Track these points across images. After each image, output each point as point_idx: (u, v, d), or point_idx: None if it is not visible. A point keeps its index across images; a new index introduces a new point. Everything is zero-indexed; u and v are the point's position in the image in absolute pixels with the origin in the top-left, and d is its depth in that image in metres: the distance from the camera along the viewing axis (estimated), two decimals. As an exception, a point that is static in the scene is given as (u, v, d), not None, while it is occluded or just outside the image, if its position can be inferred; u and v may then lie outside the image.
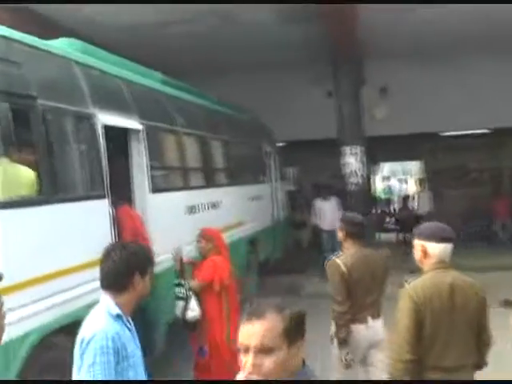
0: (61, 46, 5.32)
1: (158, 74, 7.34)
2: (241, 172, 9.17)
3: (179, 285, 5.39)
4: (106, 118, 5.21)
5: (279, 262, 10.90)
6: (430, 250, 3.34)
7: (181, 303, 5.33)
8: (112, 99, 5.62)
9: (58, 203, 4.49)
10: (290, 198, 13.14)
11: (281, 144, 12.68)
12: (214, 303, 5.41)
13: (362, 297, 4.41)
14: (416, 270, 3.49)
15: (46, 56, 4.81)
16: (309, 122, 12.68)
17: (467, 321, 3.31)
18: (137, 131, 5.86)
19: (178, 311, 5.32)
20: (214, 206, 7.55)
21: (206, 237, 5.57)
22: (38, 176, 4.22)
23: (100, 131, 5.06)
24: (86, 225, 4.81)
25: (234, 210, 8.35)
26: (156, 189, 6.05)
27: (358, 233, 4.60)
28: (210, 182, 7.76)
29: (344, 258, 4.48)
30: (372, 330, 4.50)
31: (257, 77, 12.91)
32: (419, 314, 3.24)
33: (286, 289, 9.59)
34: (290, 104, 12.85)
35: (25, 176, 4.14)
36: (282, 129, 12.01)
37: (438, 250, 3.33)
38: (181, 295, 5.34)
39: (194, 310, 5.35)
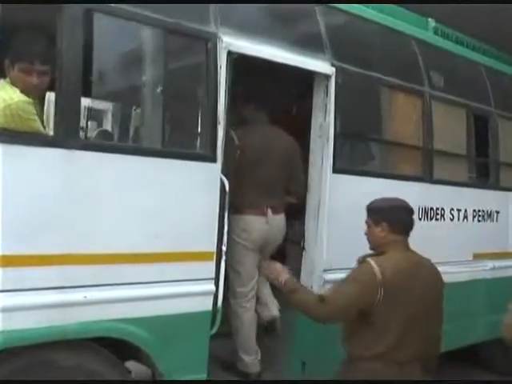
0: None
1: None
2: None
3: None
4: (241, 45, 3.42)
5: None
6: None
7: None
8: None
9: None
10: None
11: None
12: None
13: (402, 334, 2.91)
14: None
15: None
16: None
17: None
18: (325, 77, 3.89)
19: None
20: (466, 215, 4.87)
21: None
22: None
23: (223, 61, 3.32)
24: (171, 197, 3.17)
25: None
26: (343, 168, 3.96)
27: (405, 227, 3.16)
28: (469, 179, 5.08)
29: (382, 261, 2.99)
30: None
31: None
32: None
33: None
34: None
35: None
36: None
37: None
38: None
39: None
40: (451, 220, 4.67)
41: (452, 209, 4.67)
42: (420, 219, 4.45)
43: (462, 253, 4.81)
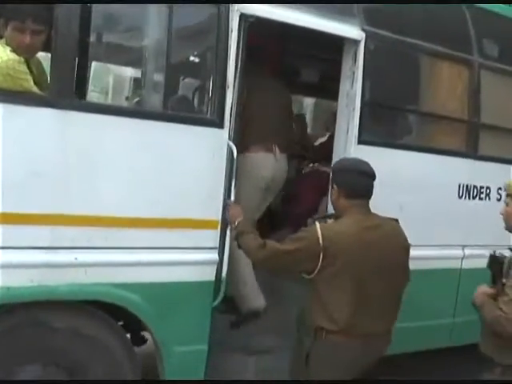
0: None
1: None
2: None
3: None
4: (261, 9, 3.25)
5: None
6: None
7: None
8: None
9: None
10: None
11: None
12: None
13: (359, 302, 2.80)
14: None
15: None
16: None
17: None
18: (353, 42, 3.66)
19: None
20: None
21: None
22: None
23: (234, 24, 3.18)
24: (173, 162, 3.10)
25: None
26: (369, 139, 3.71)
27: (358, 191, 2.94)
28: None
29: (331, 227, 2.94)
30: None
31: None
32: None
33: None
34: None
35: None
36: None
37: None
38: None
39: None
40: (498, 200, 4.29)
41: (500, 188, 4.29)
42: (460, 197, 4.14)
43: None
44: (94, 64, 3.43)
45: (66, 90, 2.80)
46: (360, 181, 2.93)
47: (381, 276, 2.83)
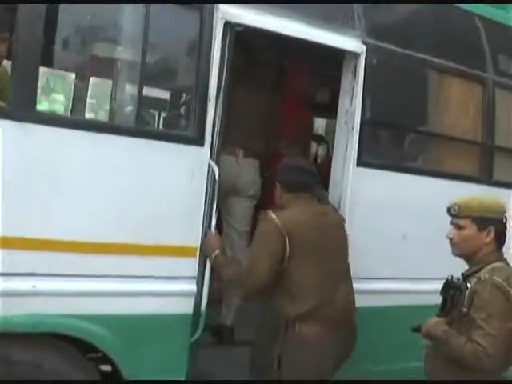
0: None
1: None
2: None
3: None
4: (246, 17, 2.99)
5: None
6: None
7: None
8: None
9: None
10: None
11: None
12: None
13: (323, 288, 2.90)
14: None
15: None
16: None
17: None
18: (353, 55, 3.38)
19: None
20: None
21: None
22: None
23: (218, 33, 2.92)
24: (147, 183, 2.83)
25: None
26: (369, 161, 3.41)
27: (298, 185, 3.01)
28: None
29: (282, 213, 2.93)
30: None
31: None
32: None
33: None
34: None
35: None
36: None
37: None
38: None
39: None
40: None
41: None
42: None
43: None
44: (61, 74, 3.20)
45: (26, 101, 2.55)
46: (297, 174, 3.02)
47: (337, 258, 2.99)
